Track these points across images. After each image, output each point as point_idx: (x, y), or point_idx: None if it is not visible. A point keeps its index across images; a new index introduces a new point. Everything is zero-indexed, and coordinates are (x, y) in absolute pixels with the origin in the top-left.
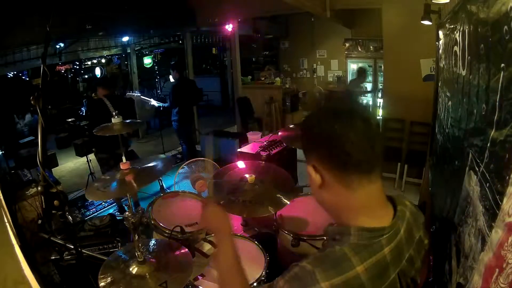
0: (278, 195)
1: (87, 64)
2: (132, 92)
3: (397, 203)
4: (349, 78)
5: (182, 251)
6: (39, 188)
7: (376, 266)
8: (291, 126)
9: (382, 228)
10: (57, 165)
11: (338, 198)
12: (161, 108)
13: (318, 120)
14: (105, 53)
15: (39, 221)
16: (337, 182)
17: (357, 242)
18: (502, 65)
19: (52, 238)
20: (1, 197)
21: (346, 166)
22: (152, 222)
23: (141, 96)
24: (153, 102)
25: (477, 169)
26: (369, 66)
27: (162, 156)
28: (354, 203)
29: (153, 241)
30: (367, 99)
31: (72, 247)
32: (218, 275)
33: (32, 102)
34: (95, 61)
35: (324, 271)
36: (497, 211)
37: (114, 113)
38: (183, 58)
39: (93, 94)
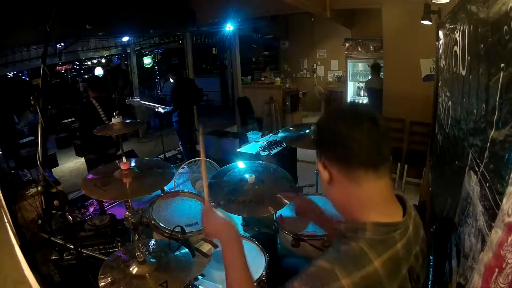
0: (278, 195)
1: (87, 64)
2: (132, 98)
3: (405, 201)
4: (350, 78)
5: (182, 251)
6: (39, 188)
7: (391, 260)
8: (291, 127)
9: (396, 223)
10: (57, 165)
11: (347, 193)
12: (167, 113)
13: (327, 121)
14: (105, 53)
15: (39, 221)
16: (344, 177)
17: (373, 237)
18: (502, 65)
19: (52, 238)
20: (1, 197)
21: (350, 161)
22: (152, 222)
23: (141, 102)
24: (160, 109)
25: (477, 169)
26: (369, 66)
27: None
28: (364, 198)
29: (153, 241)
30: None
31: (72, 247)
32: (226, 276)
33: (32, 102)
34: (95, 61)
35: (343, 268)
36: (497, 211)
37: (102, 116)
38: (182, 59)
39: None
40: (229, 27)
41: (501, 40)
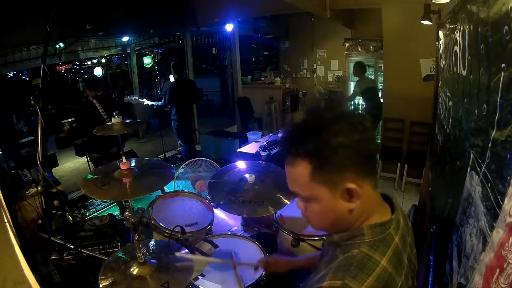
0: (278, 195)
1: (87, 64)
2: (130, 96)
3: (390, 197)
4: (351, 78)
5: (183, 251)
6: (39, 188)
7: (395, 255)
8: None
9: (390, 220)
10: (57, 165)
11: (366, 202)
12: (154, 107)
13: (333, 134)
14: (105, 53)
15: (39, 221)
16: (371, 187)
17: (372, 239)
18: (503, 65)
19: (52, 238)
20: (1, 197)
21: (373, 168)
22: (152, 222)
23: (139, 99)
24: (146, 102)
25: (478, 169)
26: (369, 66)
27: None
28: (373, 202)
29: (153, 242)
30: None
31: (72, 247)
32: None
33: (32, 102)
34: (95, 61)
35: (354, 278)
36: (498, 212)
37: (103, 114)
38: (182, 59)
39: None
40: (229, 27)
41: (502, 40)
